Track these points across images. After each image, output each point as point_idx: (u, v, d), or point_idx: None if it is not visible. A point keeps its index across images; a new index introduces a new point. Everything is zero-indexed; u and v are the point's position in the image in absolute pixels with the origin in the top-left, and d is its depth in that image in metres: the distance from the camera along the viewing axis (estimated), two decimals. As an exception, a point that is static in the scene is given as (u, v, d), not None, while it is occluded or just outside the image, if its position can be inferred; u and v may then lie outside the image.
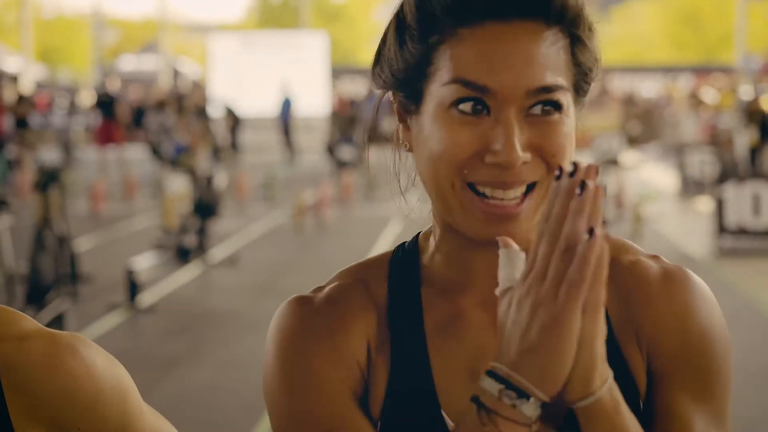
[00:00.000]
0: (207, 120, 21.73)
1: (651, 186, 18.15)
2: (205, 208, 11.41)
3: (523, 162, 1.13)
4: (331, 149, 19.19)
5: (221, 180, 12.35)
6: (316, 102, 29.01)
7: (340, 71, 36.65)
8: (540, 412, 1.03)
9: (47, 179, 8.15)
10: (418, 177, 1.24)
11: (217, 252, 11.50)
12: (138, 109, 24.29)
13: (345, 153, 17.86)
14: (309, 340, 1.21)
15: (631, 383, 1.19)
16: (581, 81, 1.20)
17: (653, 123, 26.64)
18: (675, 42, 49.53)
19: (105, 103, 20.59)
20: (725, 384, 1.21)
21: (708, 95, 23.90)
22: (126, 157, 20.48)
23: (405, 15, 1.20)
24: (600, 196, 1.02)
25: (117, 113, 20.64)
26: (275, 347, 1.22)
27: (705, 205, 14.49)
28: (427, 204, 1.25)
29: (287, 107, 26.15)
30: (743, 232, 11.54)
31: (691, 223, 13.85)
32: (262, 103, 29.84)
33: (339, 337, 1.21)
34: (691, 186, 16.89)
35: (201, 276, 10.44)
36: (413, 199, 1.31)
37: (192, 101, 22.14)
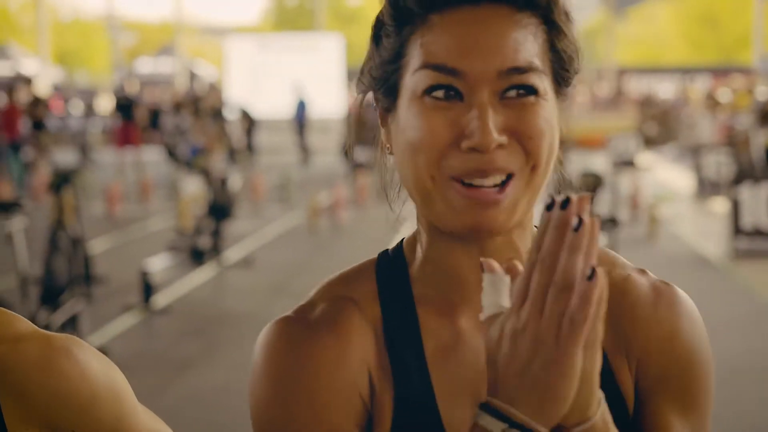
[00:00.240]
0: (223, 122, 21.77)
1: (667, 187, 18.08)
2: (220, 209, 11.43)
3: (499, 145, 1.11)
4: (347, 151, 19.19)
5: (236, 182, 12.37)
6: (331, 104, 29.05)
7: (355, 73, 36.56)
8: None
9: (61, 181, 8.18)
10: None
11: (232, 253, 11.51)
12: (154, 112, 24.35)
13: (360, 154, 17.85)
14: (307, 369, 1.16)
15: (621, 400, 1.20)
16: (561, 69, 1.18)
17: (670, 124, 26.56)
18: (692, 43, 49.36)
19: (124, 106, 20.67)
20: (708, 398, 1.25)
21: (724, 96, 23.80)
22: (142, 159, 20.55)
23: (382, 15, 1.19)
24: (597, 231, 0.99)
25: (136, 116, 20.72)
26: (265, 375, 1.17)
27: (721, 207, 14.43)
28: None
29: (302, 109, 26.18)
30: (759, 233, 11.47)
31: (707, 225, 13.78)
32: (277, 105, 29.89)
33: (339, 367, 1.17)
34: (707, 187, 16.82)
35: (216, 277, 10.46)
36: (401, 206, 1.28)
37: (208, 103, 22.18)
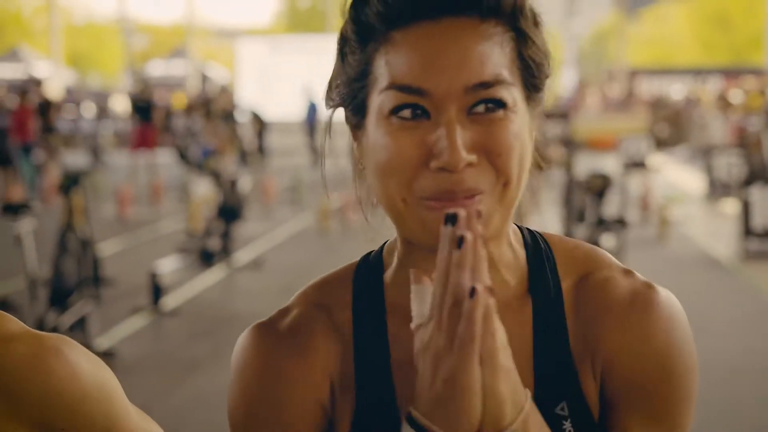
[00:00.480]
0: (234, 124, 21.80)
1: (678, 188, 18.04)
2: (230, 211, 11.44)
3: (469, 163, 1.10)
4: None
5: (246, 184, 12.38)
6: (343, 106, 29.05)
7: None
8: None
9: (70, 183, 8.19)
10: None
11: (242, 255, 11.52)
12: (166, 114, 24.41)
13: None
14: (270, 375, 1.20)
15: (584, 406, 1.19)
16: (531, 76, 1.16)
17: (681, 125, 26.49)
18: (704, 44, 49.22)
19: (142, 108, 20.75)
20: (683, 411, 1.19)
21: (736, 97, 23.73)
22: (154, 162, 20.59)
23: (346, 30, 1.18)
24: (479, 247, 1.00)
25: (154, 118, 20.81)
26: (237, 379, 1.23)
27: (732, 208, 14.38)
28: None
29: (313, 111, 26.20)
30: (770, 234, 11.44)
31: (718, 226, 13.74)
32: (289, 107, 29.92)
33: (300, 377, 1.20)
34: (719, 188, 16.77)
35: (225, 279, 10.47)
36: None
37: (219, 105, 22.22)
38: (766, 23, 37.71)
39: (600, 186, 8.00)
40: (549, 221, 12.41)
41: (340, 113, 1.24)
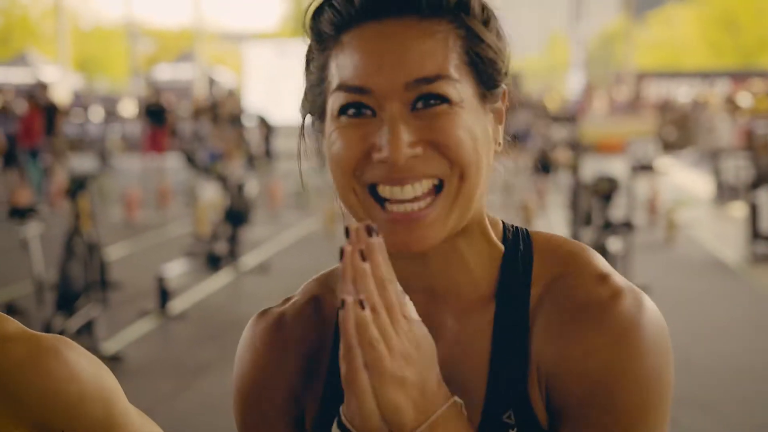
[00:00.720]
0: (241, 128, 21.81)
1: (685, 192, 18.01)
2: (236, 215, 11.44)
3: (413, 156, 1.13)
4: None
5: (253, 188, 12.38)
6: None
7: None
8: None
9: (77, 187, 8.20)
10: None
11: (249, 259, 11.52)
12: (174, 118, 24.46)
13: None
14: (250, 360, 1.31)
15: (531, 415, 1.18)
16: (483, 73, 1.18)
17: (689, 128, 26.45)
18: (712, 47, 49.17)
19: (155, 112, 20.84)
20: (633, 427, 1.15)
21: (744, 100, 23.69)
22: (162, 166, 20.63)
23: (308, 41, 1.23)
24: (355, 261, 1.05)
25: (167, 122, 20.91)
26: (236, 360, 1.34)
27: (739, 211, 14.36)
28: None
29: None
30: (777, 237, 11.41)
31: (725, 229, 13.72)
32: (296, 111, 29.87)
33: (277, 366, 1.30)
34: (726, 191, 16.74)
35: (232, 283, 10.47)
36: None
37: (226, 109, 22.24)
38: (773, 26, 37.64)
39: (607, 189, 7.98)
40: (555, 224, 12.39)
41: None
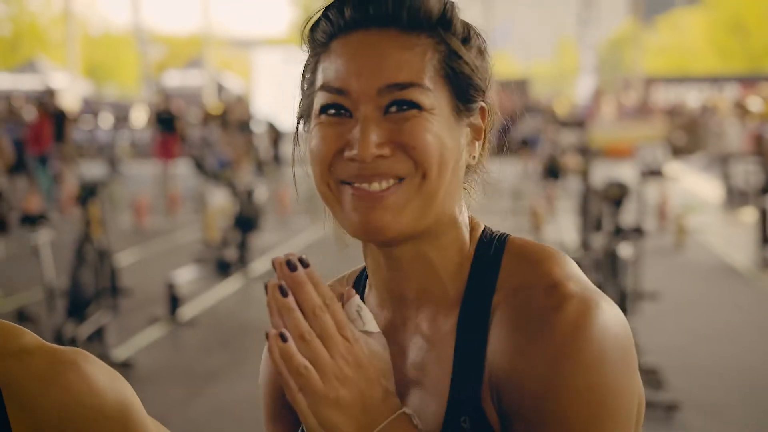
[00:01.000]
0: (250, 134, 21.84)
1: (695, 197, 17.98)
2: (246, 221, 11.45)
3: (379, 155, 1.21)
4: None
5: (262, 194, 12.39)
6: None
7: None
8: None
9: (87, 193, 8.22)
10: None
11: (258, 265, 11.54)
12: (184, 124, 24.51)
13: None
14: (268, 363, 1.41)
15: (483, 420, 1.21)
16: (458, 86, 1.26)
17: (698, 133, 26.40)
18: (720, 51, 49.09)
19: (165, 119, 20.92)
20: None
21: (754, 104, 23.65)
22: (171, 172, 20.67)
23: (307, 50, 1.32)
24: (275, 295, 1.14)
25: (177, 129, 20.99)
26: (263, 354, 1.42)
27: (749, 216, 14.33)
28: None
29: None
30: (788, 242, 11.38)
31: (735, 234, 13.70)
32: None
33: None
34: (736, 196, 16.70)
35: (241, 289, 10.48)
36: None
37: (235, 116, 22.26)
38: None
39: (618, 194, 7.97)
40: (565, 230, 12.37)
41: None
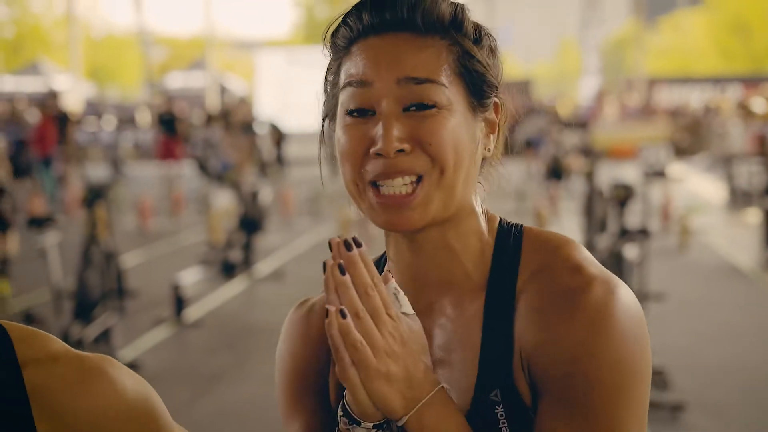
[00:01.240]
0: (253, 136, 21.83)
1: (698, 197, 17.98)
2: (251, 223, 11.47)
3: (400, 150, 1.30)
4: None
5: (266, 195, 12.41)
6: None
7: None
8: (376, 430, 1.27)
9: (94, 196, 8.23)
10: None
11: (263, 266, 11.55)
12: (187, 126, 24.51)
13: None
14: (287, 342, 1.51)
15: (514, 392, 1.33)
16: (472, 84, 1.36)
17: (701, 134, 26.40)
18: (723, 52, 49.07)
19: (167, 121, 20.96)
20: (607, 406, 1.27)
21: (757, 105, 23.65)
22: (177, 173, 20.69)
23: (329, 55, 1.42)
24: (335, 273, 1.23)
25: (178, 130, 21.02)
26: (278, 343, 1.53)
27: (753, 217, 14.33)
28: None
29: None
30: (792, 243, 11.37)
31: (739, 235, 13.69)
32: (308, 118, 29.94)
33: (303, 348, 1.50)
34: (739, 197, 16.70)
35: (246, 290, 10.50)
36: None
37: (238, 117, 22.26)
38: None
39: (623, 196, 7.98)
40: (569, 231, 12.39)
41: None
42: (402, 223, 1.32)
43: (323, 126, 1.44)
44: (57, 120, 18.79)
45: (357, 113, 1.33)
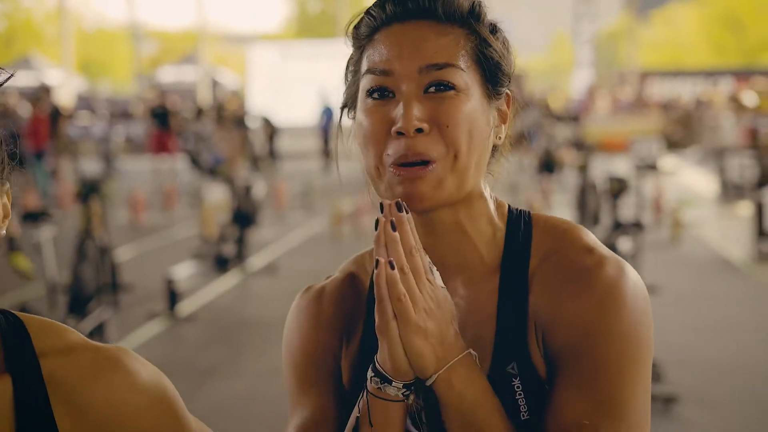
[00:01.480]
0: (245, 130, 21.81)
1: (690, 190, 18.01)
2: (244, 217, 11.47)
3: (420, 129, 1.35)
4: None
5: (259, 189, 12.41)
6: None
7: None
8: (405, 390, 1.32)
9: (88, 190, 8.23)
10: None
11: (256, 260, 11.56)
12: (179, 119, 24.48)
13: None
14: (295, 327, 1.54)
15: (530, 365, 1.39)
16: (488, 71, 1.42)
17: (693, 127, 26.44)
18: (715, 45, 49.13)
19: (160, 115, 20.95)
20: (617, 377, 1.34)
21: (748, 98, 23.69)
22: (169, 167, 20.67)
23: (351, 47, 1.47)
24: (387, 228, 1.30)
25: (171, 124, 21.03)
26: (285, 329, 1.57)
27: (745, 210, 14.37)
28: None
29: (329, 116, 26.14)
30: (783, 236, 11.42)
31: (731, 228, 13.73)
32: (300, 112, 29.94)
33: (315, 333, 1.52)
34: (731, 190, 16.74)
35: (240, 285, 10.50)
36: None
37: (230, 111, 22.24)
38: (776, 24, 37.57)
39: (617, 189, 8.02)
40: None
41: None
42: (416, 194, 1.36)
43: (342, 116, 1.50)
44: (49, 115, 18.76)
45: (378, 93, 1.39)
